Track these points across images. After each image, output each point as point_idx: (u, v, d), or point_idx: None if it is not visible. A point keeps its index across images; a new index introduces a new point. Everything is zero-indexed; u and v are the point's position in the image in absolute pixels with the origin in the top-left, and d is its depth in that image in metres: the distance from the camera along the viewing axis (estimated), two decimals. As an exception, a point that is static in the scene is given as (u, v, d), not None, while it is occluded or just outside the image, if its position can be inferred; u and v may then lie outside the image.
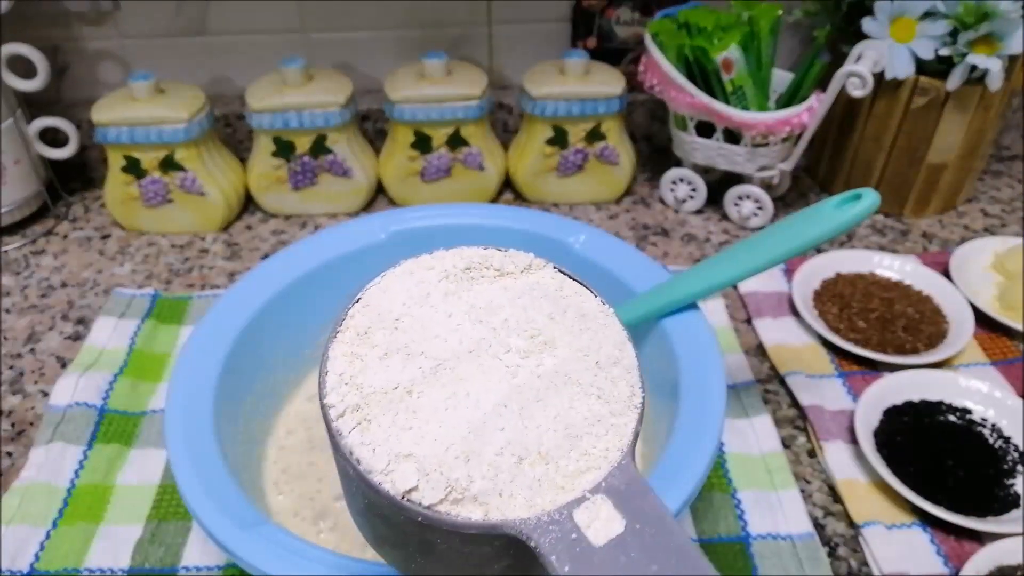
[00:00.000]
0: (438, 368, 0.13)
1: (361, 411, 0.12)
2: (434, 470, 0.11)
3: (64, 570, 0.25)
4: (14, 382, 0.34)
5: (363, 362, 0.13)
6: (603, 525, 0.11)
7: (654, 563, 0.11)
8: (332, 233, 0.29)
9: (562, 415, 0.12)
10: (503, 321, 0.13)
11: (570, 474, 0.12)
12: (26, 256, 0.42)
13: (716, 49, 0.39)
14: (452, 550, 0.12)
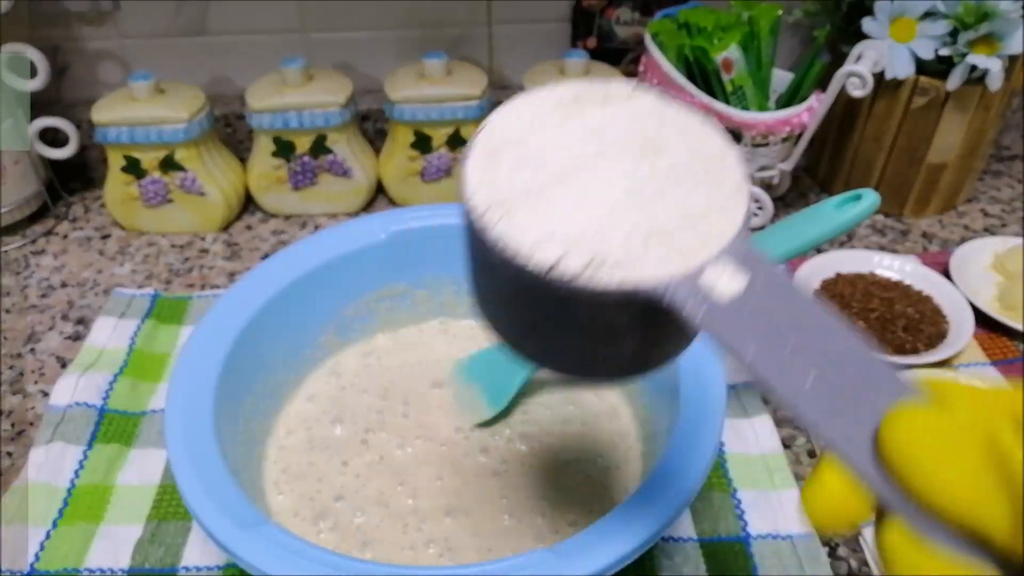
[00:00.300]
0: (564, 173, 0.14)
1: (502, 207, 0.14)
2: (574, 245, 0.13)
3: (64, 570, 0.25)
4: (14, 382, 0.34)
5: (496, 173, 0.14)
6: (727, 284, 0.13)
7: (776, 315, 0.12)
8: (332, 233, 0.29)
9: (681, 203, 0.14)
10: (616, 135, 0.15)
11: (694, 246, 0.13)
12: (26, 256, 0.42)
13: (716, 49, 0.39)
14: (590, 326, 0.13)
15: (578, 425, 0.29)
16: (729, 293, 0.13)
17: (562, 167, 0.14)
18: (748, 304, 0.12)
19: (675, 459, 0.21)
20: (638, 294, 0.13)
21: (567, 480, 0.26)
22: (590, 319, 0.13)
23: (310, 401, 0.30)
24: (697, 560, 0.26)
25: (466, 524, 0.25)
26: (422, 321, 0.33)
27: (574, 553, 0.19)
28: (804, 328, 0.12)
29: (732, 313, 0.12)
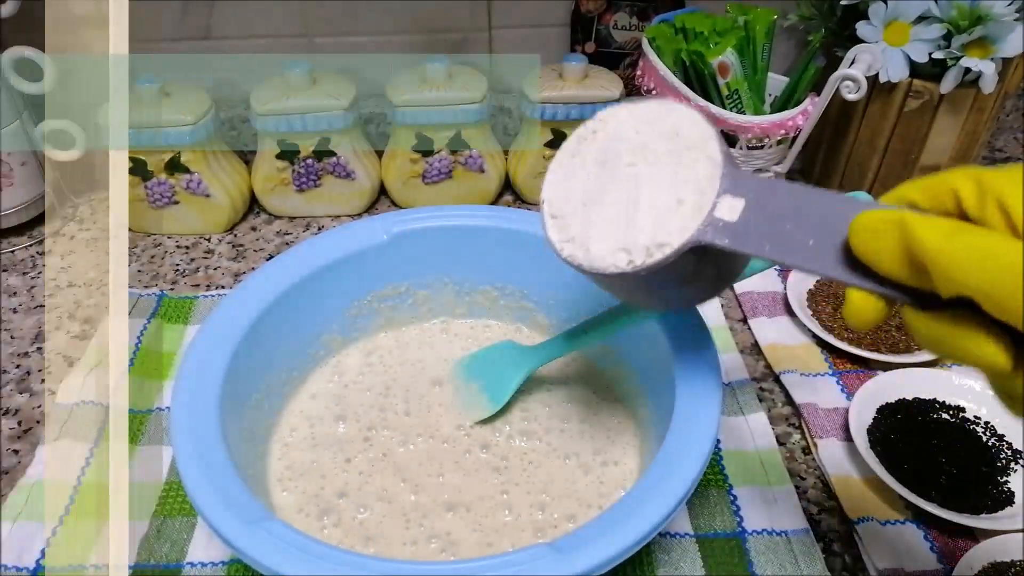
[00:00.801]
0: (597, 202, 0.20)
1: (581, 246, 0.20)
2: (631, 245, 0.19)
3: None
4: (21, 381, 0.34)
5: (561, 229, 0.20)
6: (730, 211, 0.17)
7: (771, 211, 0.17)
8: (335, 234, 0.30)
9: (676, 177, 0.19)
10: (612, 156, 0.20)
11: (698, 200, 0.18)
12: (33, 256, 0.42)
13: (712, 53, 0.39)
14: (672, 279, 0.19)
15: (576, 422, 0.29)
16: (734, 215, 0.17)
17: (595, 198, 0.20)
18: (751, 215, 0.17)
19: (672, 456, 0.22)
20: (683, 250, 0.18)
21: (566, 476, 0.27)
22: (671, 277, 0.19)
23: (313, 399, 0.30)
24: (694, 556, 0.26)
25: (467, 520, 0.25)
26: (423, 321, 0.33)
27: (573, 548, 0.19)
28: (791, 207, 0.16)
29: (743, 226, 0.17)
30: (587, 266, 0.19)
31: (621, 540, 0.19)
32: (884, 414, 0.31)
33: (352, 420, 0.29)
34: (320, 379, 0.31)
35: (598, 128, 0.20)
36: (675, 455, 0.21)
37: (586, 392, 0.30)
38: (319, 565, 0.19)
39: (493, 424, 0.29)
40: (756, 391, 0.33)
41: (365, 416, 0.29)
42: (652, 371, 0.27)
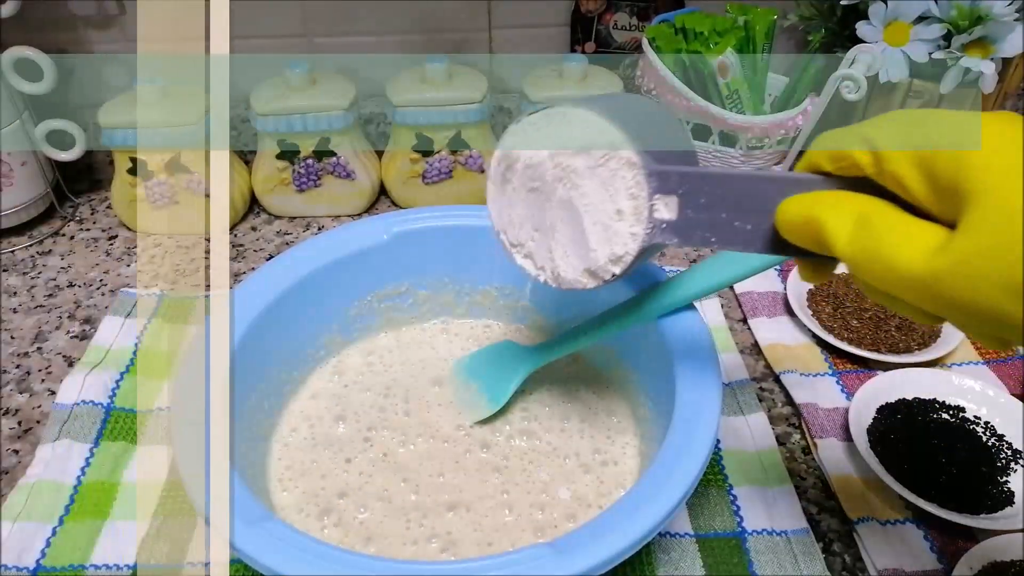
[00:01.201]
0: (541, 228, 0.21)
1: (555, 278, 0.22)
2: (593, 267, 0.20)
3: (70, 566, 0.26)
4: (21, 381, 0.34)
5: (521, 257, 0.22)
6: (668, 211, 0.18)
7: (706, 202, 0.17)
8: (336, 234, 0.30)
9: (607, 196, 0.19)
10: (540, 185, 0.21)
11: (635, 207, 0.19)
12: (33, 256, 0.42)
13: (712, 53, 0.39)
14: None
15: (577, 422, 0.29)
16: (673, 214, 0.18)
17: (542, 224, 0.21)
18: (688, 210, 0.18)
19: (672, 456, 0.22)
20: (639, 255, 0.19)
21: (566, 476, 0.27)
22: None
23: (313, 399, 0.30)
24: (693, 555, 0.26)
25: (467, 519, 0.25)
26: (424, 321, 0.33)
27: (573, 548, 0.19)
28: (720, 196, 0.17)
29: (684, 222, 0.18)
30: (564, 287, 0.21)
31: (621, 540, 0.19)
32: (884, 414, 0.31)
33: (352, 420, 0.29)
34: (320, 379, 0.31)
35: (511, 161, 0.21)
36: (675, 455, 0.22)
37: (586, 392, 0.30)
38: (319, 565, 0.19)
39: (493, 424, 0.29)
40: (756, 391, 0.33)
41: (365, 416, 0.29)
42: (652, 371, 0.27)
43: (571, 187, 0.20)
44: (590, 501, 0.26)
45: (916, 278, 0.13)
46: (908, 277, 0.13)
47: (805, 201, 0.16)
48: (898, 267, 0.13)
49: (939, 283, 0.13)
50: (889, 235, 0.14)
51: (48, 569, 0.26)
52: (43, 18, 0.45)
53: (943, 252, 0.13)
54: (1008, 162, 0.12)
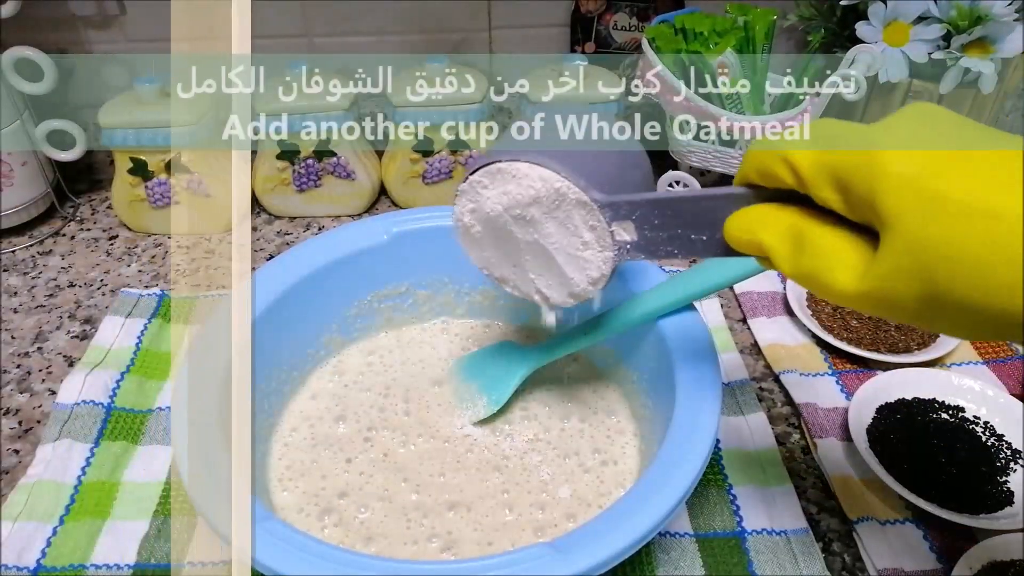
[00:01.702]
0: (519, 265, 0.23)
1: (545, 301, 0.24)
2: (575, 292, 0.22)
3: (71, 566, 0.26)
4: (22, 380, 0.34)
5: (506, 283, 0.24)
6: (626, 231, 0.20)
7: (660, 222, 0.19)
8: (336, 234, 0.30)
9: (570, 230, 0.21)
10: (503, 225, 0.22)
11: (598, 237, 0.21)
12: (33, 256, 0.42)
13: (712, 54, 0.39)
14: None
15: (576, 421, 0.29)
16: (633, 235, 0.20)
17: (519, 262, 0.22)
18: (645, 230, 0.19)
19: (672, 456, 0.22)
20: (612, 275, 0.21)
21: (566, 475, 0.27)
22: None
23: (313, 399, 0.30)
24: (693, 555, 0.26)
25: (468, 519, 0.25)
26: (424, 320, 0.33)
27: (573, 548, 0.19)
28: (671, 215, 0.19)
29: (644, 241, 0.19)
30: (555, 306, 0.23)
31: (621, 540, 0.19)
32: (883, 414, 0.31)
33: (352, 420, 0.29)
34: (320, 379, 0.31)
35: (471, 223, 0.22)
36: (675, 455, 0.22)
37: (586, 392, 0.30)
38: (319, 565, 0.19)
39: (493, 424, 0.29)
40: (756, 391, 0.33)
41: (365, 416, 0.29)
42: (652, 371, 0.27)
43: (534, 231, 0.21)
44: (590, 501, 0.26)
45: (849, 297, 0.15)
46: (843, 296, 0.15)
47: (744, 221, 0.17)
48: (833, 289, 0.15)
49: (868, 300, 0.15)
50: (822, 259, 0.15)
51: (48, 569, 0.26)
52: (43, 18, 0.45)
53: (867, 276, 0.15)
54: (915, 186, 0.14)
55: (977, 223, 0.13)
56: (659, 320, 0.26)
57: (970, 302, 0.13)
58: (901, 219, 0.14)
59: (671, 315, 0.26)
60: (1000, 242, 0.13)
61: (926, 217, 0.13)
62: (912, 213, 0.13)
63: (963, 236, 0.13)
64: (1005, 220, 0.13)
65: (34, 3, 0.43)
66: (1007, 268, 0.12)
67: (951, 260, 0.13)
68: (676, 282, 0.26)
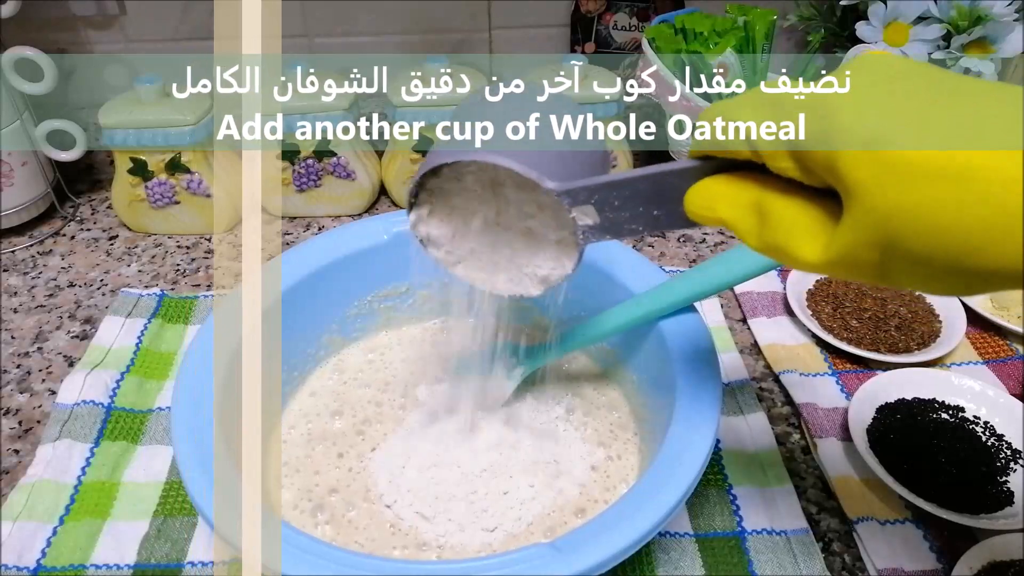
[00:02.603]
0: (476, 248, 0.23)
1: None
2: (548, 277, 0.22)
3: (70, 566, 0.26)
4: (22, 381, 0.34)
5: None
6: (587, 215, 0.19)
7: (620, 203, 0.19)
8: (336, 234, 0.30)
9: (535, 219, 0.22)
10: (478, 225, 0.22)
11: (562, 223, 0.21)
12: (34, 256, 0.42)
13: (712, 53, 0.39)
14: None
15: (577, 420, 0.29)
16: (596, 218, 0.19)
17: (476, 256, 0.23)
18: (607, 212, 0.19)
19: (672, 456, 0.22)
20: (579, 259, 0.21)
21: (566, 474, 0.27)
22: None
23: (312, 396, 0.30)
24: (693, 555, 0.26)
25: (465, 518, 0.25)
26: (424, 320, 0.33)
27: (572, 548, 0.19)
28: (630, 194, 0.18)
29: (608, 222, 0.19)
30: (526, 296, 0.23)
31: (621, 540, 0.19)
32: (883, 414, 0.31)
33: (348, 415, 0.29)
34: (320, 377, 0.31)
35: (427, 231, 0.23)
36: (675, 455, 0.22)
37: (586, 391, 0.30)
38: (319, 565, 0.19)
39: (493, 422, 0.29)
40: (756, 391, 0.33)
41: (361, 411, 0.29)
42: (652, 371, 0.27)
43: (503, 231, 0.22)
44: (591, 500, 0.26)
45: (815, 266, 0.15)
46: (809, 265, 0.15)
47: (703, 197, 0.17)
48: (800, 260, 0.15)
49: (834, 268, 0.15)
50: (785, 232, 0.15)
51: (48, 569, 0.26)
52: (43, 18, 0.45)
53: (831, 245, 0.14)
54: (871, 151, 0.13)
55: (939, 187, 0.12)
56: (659, 320, 0.26)
57: (937, 264, 0.13)
58: (860, 187, 0.13)
59: (671, 315, 0.26)
60: (964, 204, 0.12)
61: (885, 184, 0.13)
62: (871, 180, 0.13)
63: (923, 201, 0.12)
64: (969, 180, 0.12)
65: (34, 3, 0.43)
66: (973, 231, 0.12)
67: (913, 228, 0.13)
68: (677, 283, 0.26)
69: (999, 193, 0.12)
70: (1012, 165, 0.12)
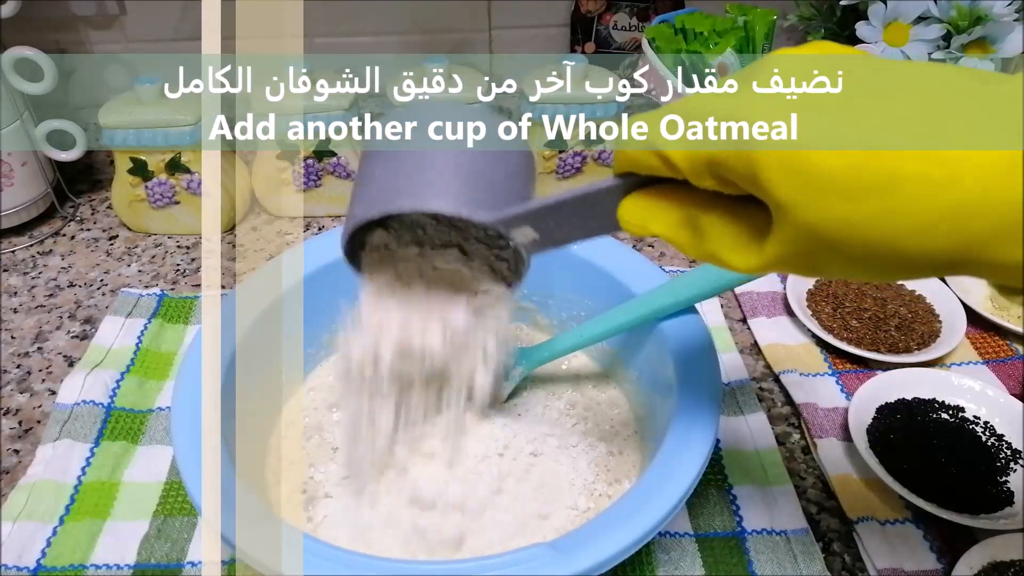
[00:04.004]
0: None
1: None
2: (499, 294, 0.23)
3: (71, 566, 0.26)
4: (22, 381, 0.34)
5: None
6: (526, 235, 0.19)
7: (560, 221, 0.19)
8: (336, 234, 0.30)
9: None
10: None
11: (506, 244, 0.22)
12: (34, 256, 0.42)
13: (712, 53, 0.39)
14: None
15: (577, 420, 0.29)
16: (534, 235, 0.19)
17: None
18: (544, 227, 0.19)
19: (672, 456, 0.22)
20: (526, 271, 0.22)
21: (567, 474, 0.27)
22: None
23: (310, 391, 0.30)
24: (693, 555, 0.26)
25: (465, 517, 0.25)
26: (424, 320, 0.33)
27: (572, 548, 0.19)
28: (566, 213, 0.19)
29: (547, 236, 0.19)
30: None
31: (621, 540, 0.19)
32: (884, 414, 0.31)
33: (346, 408, 0.29)
34: (320, 376, 0.31)
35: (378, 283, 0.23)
36: (675, 455, 0.22)
37: (586, 390, 0.30)
38: (319, 565, 0.19)
39: (493, 419, 0.29)
40: (756, 391, 0.33)
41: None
42: (652, 371, 0.27)
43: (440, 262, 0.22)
44: (591, 499, 0.26)
45: (751, 272, 0.15)
46: (746, 271, 0.15)
47: (635, 215, 0.17)
48: (736, 267, 0.15)
49: (769, 271, 0.15)
50: (717, 243, 0.16)
51: (48, 569, 0.26)
52: (43, 18, 0.45)
53: (764, 255, 0.15)
54: (790, 166, 0.12)
55: (865, 200, 0.12)
56: (659, 320, 0.26)
57: (867, 263, 0.13)
58: (785, 204, 0.13)
59: (671, 316, 0.26)
60: (893, 214, 0.11)
61: (809, 201, 0.12)
62: (795, 198, 0.13)
63: (850, 216, 0.12)
64: (895, 191, 0.11)
65: (34, 3, 0.43)
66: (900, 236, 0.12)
67: (841, 238, 0.12)
68: (677, 284, 0.26)
69: (930, 198, 0.11)
70: (938, 165, 0.11)
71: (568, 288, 0.31)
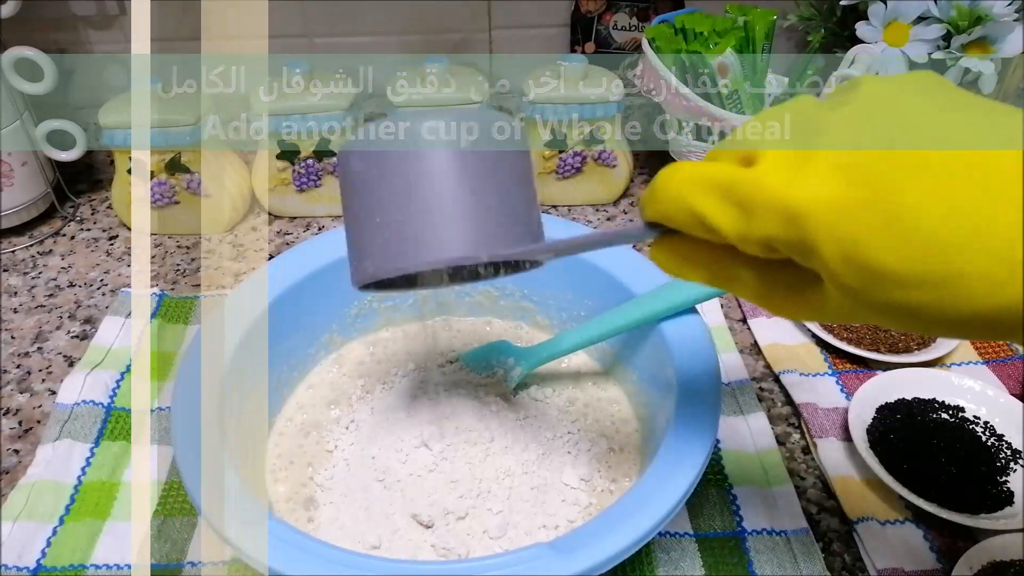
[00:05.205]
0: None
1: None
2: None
3: (70, 566, 0.26)
4: (22, 381, 0.34)
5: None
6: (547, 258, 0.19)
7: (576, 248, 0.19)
8: (336, 234, 0.30)
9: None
10: None
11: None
12: (33, 256, 0.42)
13: (712, 53, 0.39)
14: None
15: (577, 420, 0.29)
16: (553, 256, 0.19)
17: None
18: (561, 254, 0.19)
19: (672, 456, 0.22)
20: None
21: (566, 473, 0.27)
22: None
23: (309, 389, 0.30)
24: (693, 555, 0.26)
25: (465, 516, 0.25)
26: (425, 320, 0.33)
27: (573, 548, 0.19)
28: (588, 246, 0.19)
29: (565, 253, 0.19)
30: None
31: (621, 540, 0.19)
32: (884, 414, 0.31)
33: (344, 404, 0.29)
34: (320, 374, 0.31)
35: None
36: (675, 455, 0.22)
37: (586, 390, 0.30)
38: (319, 565, 0.19)
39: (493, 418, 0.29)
40: (756, 391, 0.33)
41: (358, 402, 0.29)
42: (652, 371, 0.27)
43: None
44: (590, 499, 0.26)
45: (797, 319, 0.16)
46: (793, 319, 0.16)
47: (670, 262, 0.17)
48: (784, 316, 0.16)
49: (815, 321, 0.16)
50: (758, 297, 0.16)
51: (48, 569, 0.26)
52: (43, 18, 0.45)
53: (808, 311, 0.15)
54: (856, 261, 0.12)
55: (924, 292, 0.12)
56: (659, 320, 0.26)
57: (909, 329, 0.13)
58: (842, 287, 0.13)
59: (671, 315, 0.26)
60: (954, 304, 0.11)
61: (868, 288, 0.12)
62: (851, 283, 0.12)
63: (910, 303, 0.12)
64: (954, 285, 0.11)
65: (34, 3, 0.43)
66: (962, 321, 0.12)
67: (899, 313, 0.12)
68: (678, 284, 0.26)
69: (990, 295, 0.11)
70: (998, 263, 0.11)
71: (568, 288, 0.31)
